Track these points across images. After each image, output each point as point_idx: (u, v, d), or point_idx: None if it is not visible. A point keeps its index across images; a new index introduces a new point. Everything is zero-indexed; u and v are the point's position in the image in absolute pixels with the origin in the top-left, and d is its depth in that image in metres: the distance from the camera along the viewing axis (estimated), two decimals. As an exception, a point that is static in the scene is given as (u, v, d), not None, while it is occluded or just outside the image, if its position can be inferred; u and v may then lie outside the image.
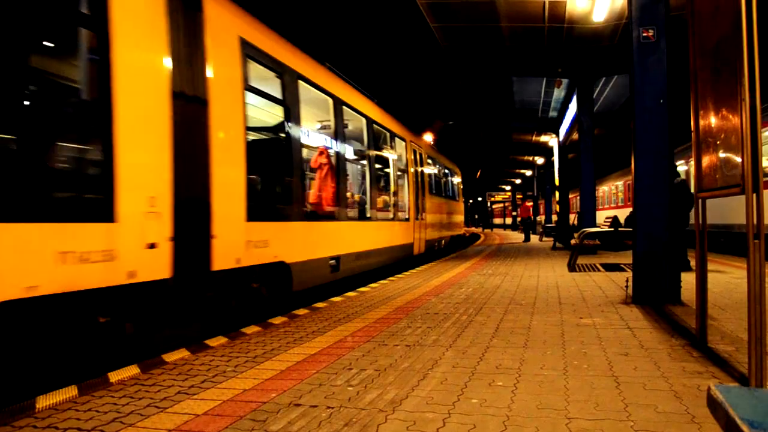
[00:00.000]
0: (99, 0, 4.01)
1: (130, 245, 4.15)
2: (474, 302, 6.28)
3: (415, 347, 4.14)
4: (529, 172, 43.87)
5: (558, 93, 19.30)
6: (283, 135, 6.85)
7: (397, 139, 12.29)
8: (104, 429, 2.62)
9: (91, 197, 3.96)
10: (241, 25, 6.00)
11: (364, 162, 10.42)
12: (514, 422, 2.56)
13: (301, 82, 7.23)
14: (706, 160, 3.78)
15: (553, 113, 22.14)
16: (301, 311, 5.97)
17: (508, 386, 3.11)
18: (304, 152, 7.51)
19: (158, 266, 4.44)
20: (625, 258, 11.75)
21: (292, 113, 6.95)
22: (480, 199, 67.12)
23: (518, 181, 53.96)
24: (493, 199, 63.97)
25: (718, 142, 3.47)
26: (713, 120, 3.55)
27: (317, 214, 7.93)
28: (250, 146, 5.96)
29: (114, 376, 3.51)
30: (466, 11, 11.95)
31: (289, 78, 6.92)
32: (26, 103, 3.64)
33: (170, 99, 4.64)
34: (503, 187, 63.06)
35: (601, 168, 27.33)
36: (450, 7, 11.83)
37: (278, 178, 6.80)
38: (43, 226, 3.52)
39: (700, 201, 3.95)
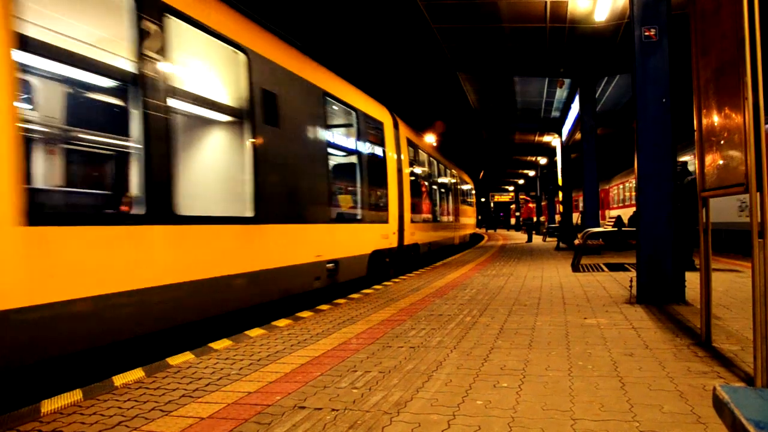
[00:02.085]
0: (382, 144, 10.54)
1: (390, 232, 10.45)
2: (478, 303, 6.27)
3: (419, 349, 4.14)
4: (532, 173, 43.80)
5: (560, 93, 19.27)
6: (413, 178, 13.01)
7: (448, 169, 19.33)
8: (109, 433, 2.63)
9: (384, 214, 10.24)
10: (406, 131, 12.61)
11: (434, 187, 16.65)
12: (519, 423, 2.56)
13: (420, 150, 14.23)
14: (709, 159, 3.77)
15: (555, 113, 22.10)
16: (305, 314, 5.97)
17: (512, 387, 3.11)
18: (421, 186, 14.21)
19: (394, 241, 10.74)
20: (629, 258, 11.71)
21: (416, 167, 13.65)
22: (483, 199, 66.91)
23: (521, 182, 53.86)
24: (501, 198, 63.69)
25: (721, 141, 3.46)
26: (716, 119, 3.54)
27: (423, 219, 14.19)
28: (411, 186, 12.47)
29: (119, 380, 3.51)
30: (468, 12, 11.95)
31: (418, 150, 13.92)
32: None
33: (396, 172, 11.11)
34: (506, 187, 62.91)
35: (609, 167, 27.24)
36: (451, 8, 11.84)
37: (415, 200, 13.01)
38: (379, 225, 9.88)
39: (706, 200, 3.94)
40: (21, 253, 3.36)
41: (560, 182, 21.78)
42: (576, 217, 23.85)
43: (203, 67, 5.94)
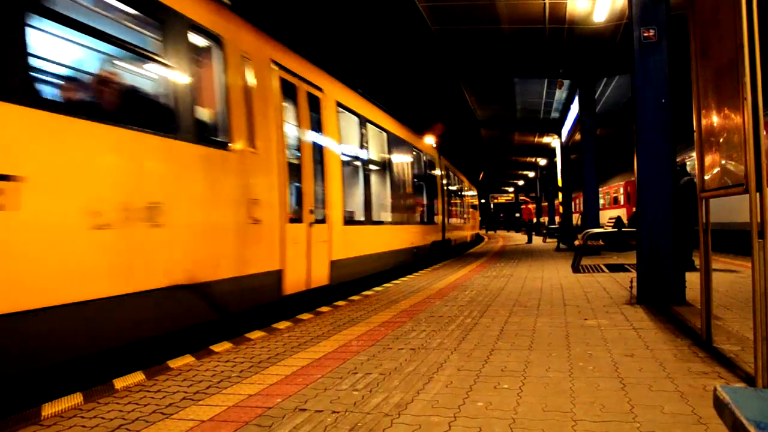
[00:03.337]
0: (434, 170, 17.18)
1: (438, 230, 16.42)
2: (478, 304, 6.27)
3: (419, 350, 4.14)
4: (532, 174, 43.81)
5: (560, 94, 19.28)
6: (446, 192, 18.15)
7: (462, 181, 24.43)
8: (110, 436, 2.63)
9: (436, 218, 16.36)
10: (444, 159, 18.16)
11: (457, 197, 21.82)
12: (520, 425, 2.56)
13: (449, 171, 19.37)
14: (708, 160, 3.77)
15: (555, 114, 22.11)
16: (305, 316, 5.97)
17: (513, 389, 3.11)
18: (451, 197, 19.31)
19: (440, 237, 16.62)
20: (629, 258, 11.70)
21: (448, 184, 18.85)
22: (483, 201, 66.84)
23: (521, 183, 53.86)
24: (501, 199, 63.54)
25: (720, 142, 3.46)
26: (715, 119, 3.54)
27: (452, 221, 19.15)
28: (448, 201, 18.77)
29: (119, 383, 3.51)
30: (467, 13, 11.97)
31: (449, 171, 19.56)
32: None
33: (440, 189, 17.29)
34: (506, 188, 62.86)
35: (609, 167, 27.06)
36: (450, 10, 11.85)
37: (448, 208, 18.21)
38: (433, 225, 15.82)
39: (703, 201, 3.94)
40: (343, 236, 8.09)
41: (560, 183, 21.79)
42: (576, 218, 23.80)
43: (374, 143, 10.69)
